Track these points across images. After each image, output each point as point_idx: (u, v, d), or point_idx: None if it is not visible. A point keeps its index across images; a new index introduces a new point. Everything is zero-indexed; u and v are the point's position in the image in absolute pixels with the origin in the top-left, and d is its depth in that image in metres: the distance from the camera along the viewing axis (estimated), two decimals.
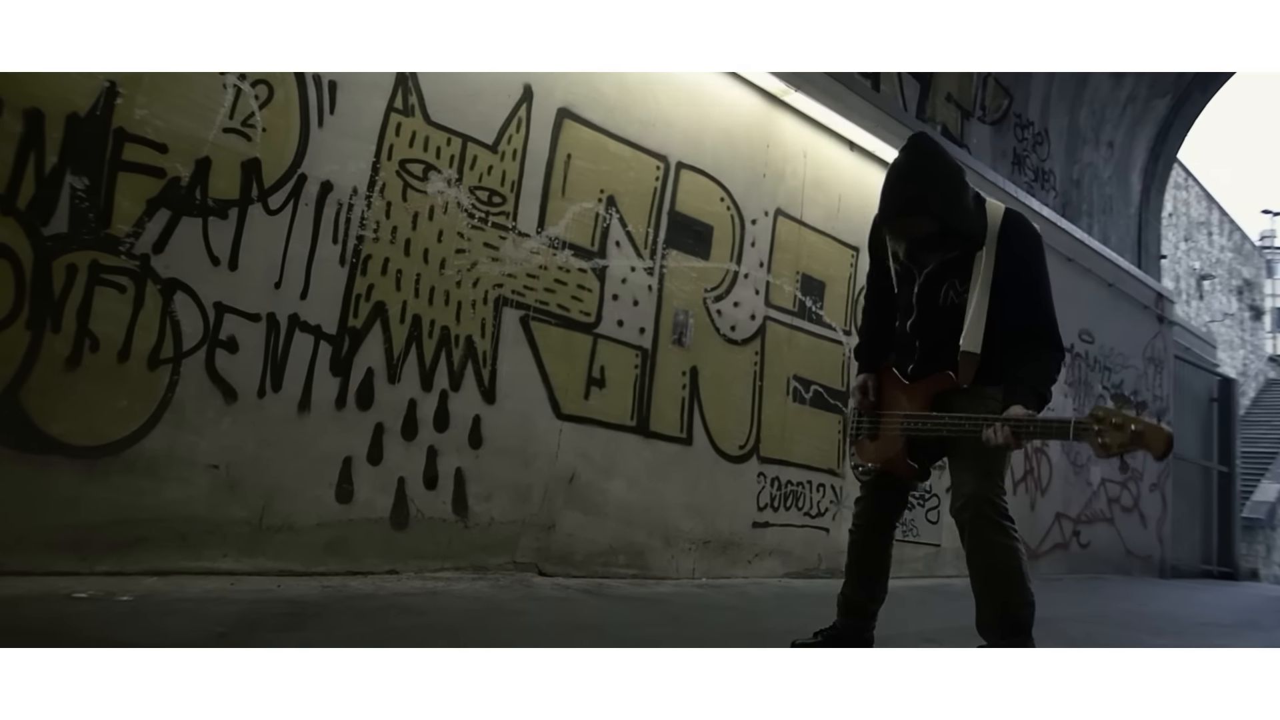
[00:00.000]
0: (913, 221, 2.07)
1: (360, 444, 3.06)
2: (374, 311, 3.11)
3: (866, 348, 2.44)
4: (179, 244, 2.71)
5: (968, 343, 2.08)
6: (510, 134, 3.51)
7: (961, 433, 2.02)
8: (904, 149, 2.14)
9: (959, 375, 2.11)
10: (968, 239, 2.08)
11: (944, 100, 7.19)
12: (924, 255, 2.15)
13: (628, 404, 3.87)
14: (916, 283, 2.18)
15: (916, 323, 2.19)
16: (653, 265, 3.99)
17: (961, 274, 2.12)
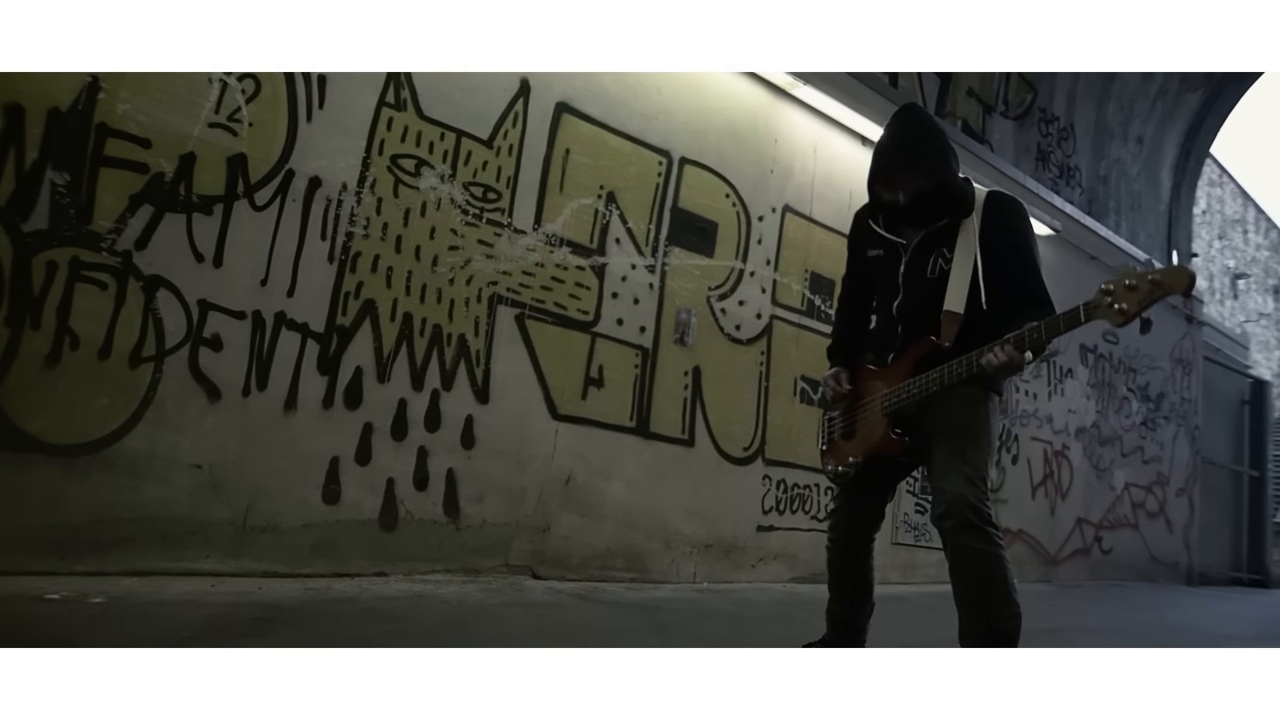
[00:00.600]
0: (905, 177, 2.06)
1: (348, 444, 3.02)
2: (363, 309, 3.06)
3: (840, 346, 2.36)
4: (162, 241, 2.68)
5: (951, 303, 2.03)
6: (506, 129, 3.45)
7: (955, 381, 1.95)
8: (895, 115, 2.18)
9: (941, 335, 2.03)
10: (957, 203, 2.07)
11: (965, 95, 7.03)
12: (909, 228, 2.14)
13: (627, 404, 3.79)
14: (903, 260, 2.12)
15: (902, 303, 2.12)
16: (654, 263, 3.90)
17: (949, 243, 2.08)
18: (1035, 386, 6.46)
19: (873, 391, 2.17)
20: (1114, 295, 1.77)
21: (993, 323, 2.00)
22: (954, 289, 2.03)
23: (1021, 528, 6.21)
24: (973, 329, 1.99)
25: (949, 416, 2.01)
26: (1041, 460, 6.47)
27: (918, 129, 2.13)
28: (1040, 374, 6.51)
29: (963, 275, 2.03)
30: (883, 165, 2.11)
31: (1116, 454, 7.43)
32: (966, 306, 2.02)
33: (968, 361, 1.94)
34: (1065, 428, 6.77)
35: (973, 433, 2.00)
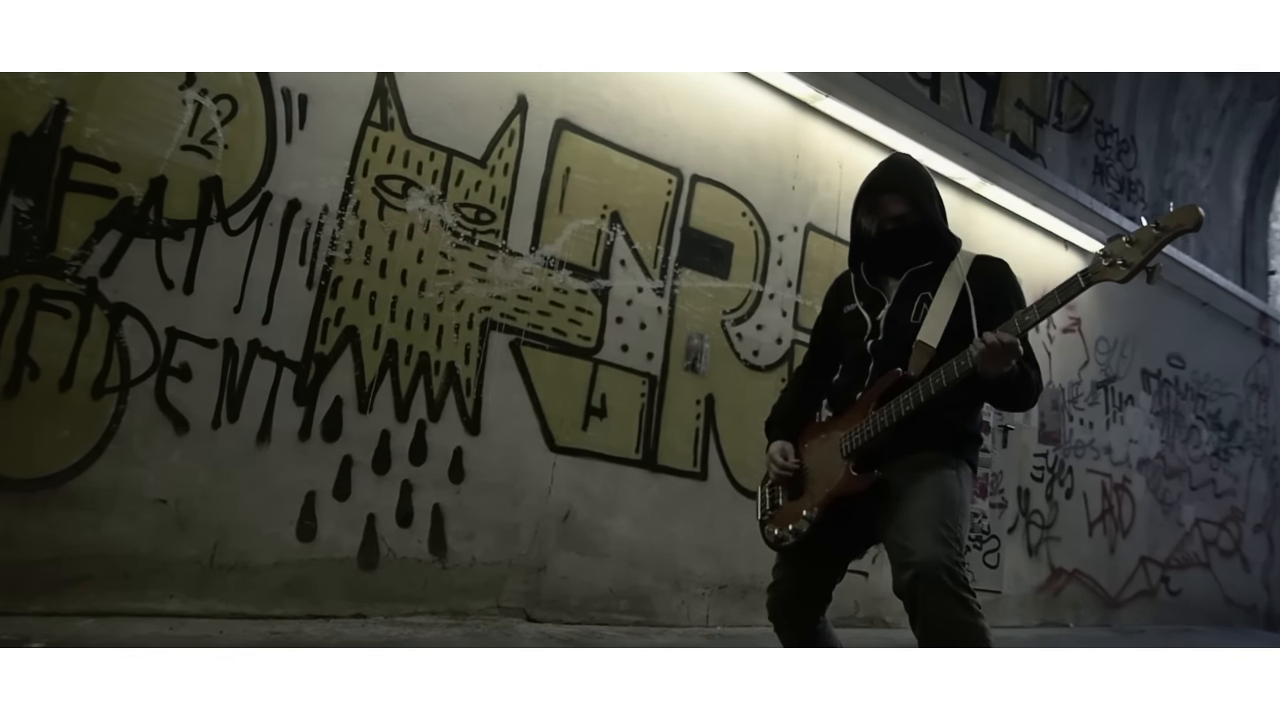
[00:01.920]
0: (889, 201, 1.92)
1: (325, 478, 2.87)
2: (344, 336, 2.93)
3: (783, 419, 2.12)
4: (129, 267, 2.58)
5: (925, 335, 1.83)
6: (501, 147, 3.30)
7: (934, 394, 1.73)
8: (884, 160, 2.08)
9: (909, 366, 1.81)
10: (943, 246, 1.92)
11: (1013, 106, 6.67)
12: (891, 279, 1.97)
13: (632, 435, 3.58)
14: (885, 305, 1.90)
15: (879, 343, 1.90)
16: (663, 285, 3.70)
17: (932, 285, 1.89)
18: (1092, 414, 6.04)
19: (826, 443, 1.92)
20: (1113, 256, 1.61)
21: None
22: (930, 322, 1.83)
23: (1077, 567, 5.77)
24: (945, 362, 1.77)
25: (916, 478, 1.76)
26: (1100, 494, 6.03)
27: (906, 165, 2.01)
28: (1097, 401, 6.08)
29: (942, 311, 1.83)
30: (866, 188, 1.97)
31: (1185, 487, 6.90)
32: (941, 343, 1.79)
33: (947, 369, 1.72)
34: (1126, 459, 6.31)
35: (945, 494, 1.74)
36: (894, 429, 1.78)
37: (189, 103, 2.69)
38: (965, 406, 1.90)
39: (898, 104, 4.34)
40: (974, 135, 4.89)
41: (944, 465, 1.81)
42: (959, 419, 1.88)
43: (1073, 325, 5.95)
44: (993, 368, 1.66)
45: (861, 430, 1.82)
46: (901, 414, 1.76)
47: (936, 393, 1.72)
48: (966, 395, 1.84)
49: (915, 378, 1.77)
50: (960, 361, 1.69)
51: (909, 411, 1.75)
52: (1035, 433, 5.54)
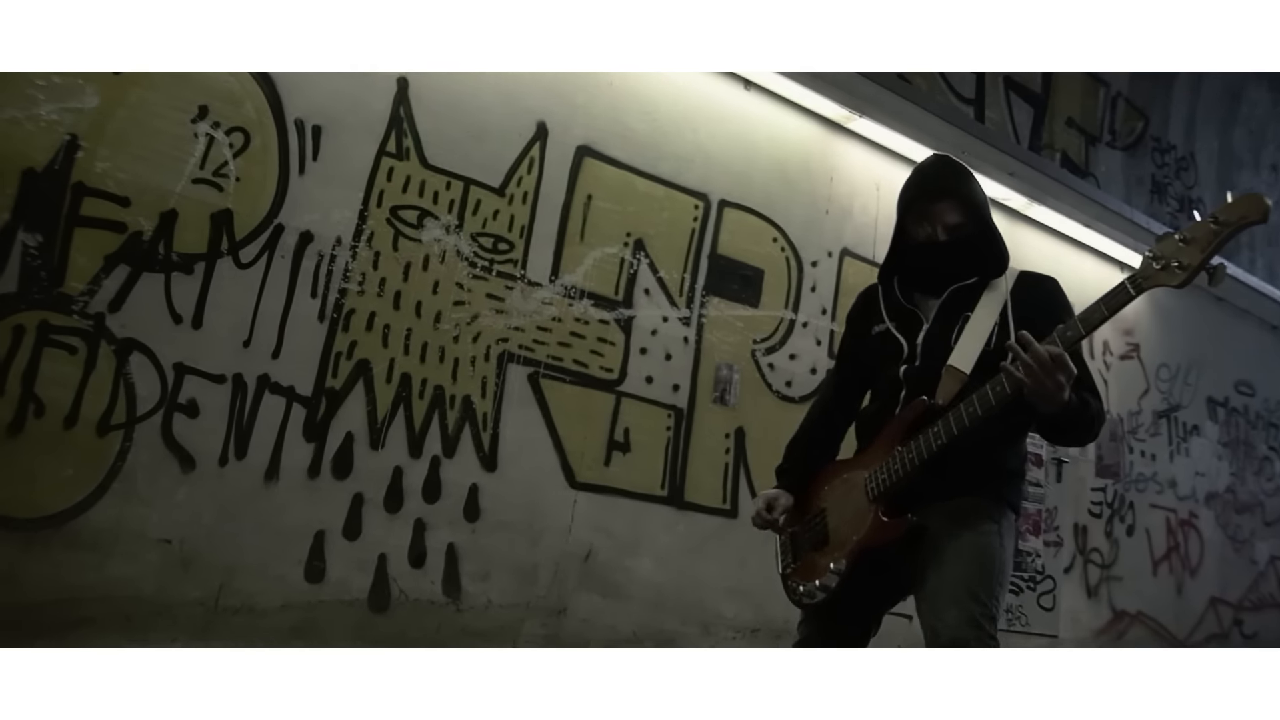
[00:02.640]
0: (945, 207, 1.75)
1: (335, 516, 2.79)
2: (356, 371, 2.85)
3: (797, 461, 1.95)
4: (138, 302, 2.55)
5: (957, 359, 1.66)
6: (520, 175, 3.22)
7: (968, 425, 1.55)
8: (927, 159, 1.94)
9: (937, 394, 1.64)
10: (993, 259, 1.76)
11: (1063, 125, 6.41)
12: (928, 298, 1.79)
13: (657, 471, 3.44)
14: (923, 327, 1.74)
15: (913, 369, 1.73)
16: (689, 314, 3.57)
17: (971, 302, 1.74)
18: (1154, 446, 5.70)
19: (850, 483, 1.75)
20: (1165, 257, 1.43)
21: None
22: (965, 345, 1.66)
23: (1141, 609, 5.42)
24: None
25: (953, 535, 1.59)
26: (1164, 531, 5.67)
27: (959, 166, 1.85)
28: (1159, 432, 5.74)
29: (979, 332, 1.65)
30: (918, 193, 1.80)
31: (1258, 523, 6.47)
32: (976, 369, 1.61)
33: (981, 397, 1.54)
34: (1192, 493, 5.94)
35: (984, 558, 1.56)
36: (923, 466, 1.62)
37: (201, 136, 2.67)
38: (1007, 439, 1.72)
39: (937, 123, 4.16)
40: (1020, 154, 4.68)
41: (984, 518, 1.63)
42: (1000, 455, 1.71)
43: (1131, 351, 5.64)
44: (1046, 393, 1.45)
45: (888, 469, 1.66)
46: (932, 449, 1.60)
47: (971, 424, 1.56)
48: (1009, 426, 1.66)
49: (945, 407, 1.60)
50: (996, 387, 1.51)
51: (940, 446, 1.59)
52: (1092, 466, 5.24)
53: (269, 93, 2.77)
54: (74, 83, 2.50)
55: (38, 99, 2.44)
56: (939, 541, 1.59)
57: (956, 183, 1.77)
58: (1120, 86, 6.65)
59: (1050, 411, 1.49)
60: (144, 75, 2.59)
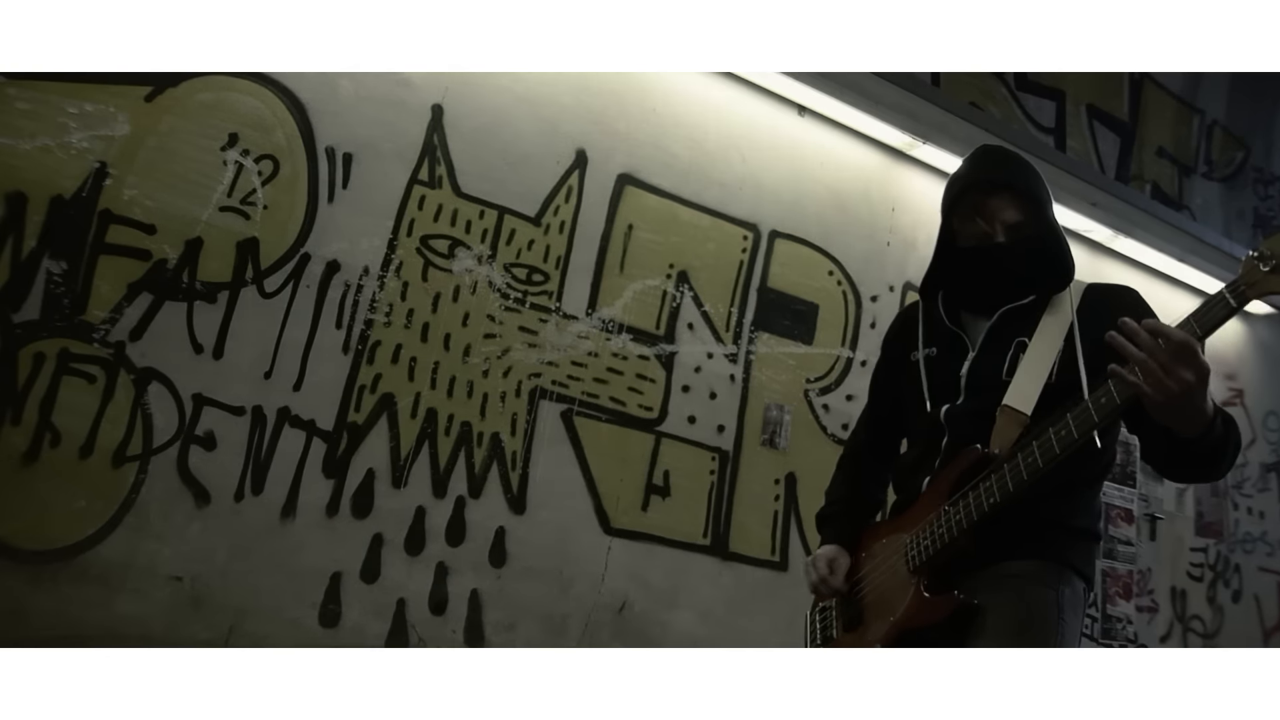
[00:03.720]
0: (1002, 202, 1.49)
1: (353, 557, 2.66)
2: (380, 405, 2.74)
3: (840, 511, 1.71)
4: (159, 330, 2.50)
5: (1015, 398, 1.40)
6: (558, 204, 3.09)
7: (1019, 486, 1.30)
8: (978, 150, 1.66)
9: (992, 441, 1.38)
10: (1056, 272, 1.50)
11: (1154, 155, 6.02)
12: (978, 318, 1.53)
13: (700, 518, 3.21)
14: (970, 354, 1.49)
15: (956, 407, 1.47)
16: (736, 351, 3.36)
17: (1029, 326, 1.47)
18: (1262, 503, 5.16)
19: (888, 550, 1.51)
20: (1276, 255, 1.17)
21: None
22: (1023, 379, 1.40)
23: None
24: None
25: (1001, 608, 1.33)
26: (1275, 597, 5.10)
27: (1015, 156, 1.59)
28: (1268, 487, 5.20)
29: (1040, 362, 1.39)
30: (969, 184, 1.55)
31: None
32: (1039, 408, 1.36)
33: (1044, 445, 1.28)
34: None
35: (1032, 632, 1.30)
36: (972, 530, 1.37)
37: (230, 163, 2.63)
38: (1078, 491, 1.45)
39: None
40: (1103, 183, 4.35)
41: (1042, 586, 1.37)
42: (1066, 510, 1.44)
43: (1234, 398, 5.16)
44: (1180, 404, 1.16)
45: (931, 533, 1.42)
46: (984, 510, 1.35)
47: (1031, 477, 1.30)
48: (1080, 475, 1.40)
49: (1001, 457, 1.35)
50: (1061, 432, 1.26)
51: (993, 506, 1.34)
52: (1191, 523, 4.76)
53: (300, 120, 2.73)
54: (106, 110, 2.50)
55: (69, 126, 2.44)
56: (986, 621, 1.33)
57: (1016, 173, 1.50)
58: (1216, 114, 6.23)
59: (1191, 433, 1.20)
60: (176, 103, 2.58)
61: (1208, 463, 1.30)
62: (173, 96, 2.59)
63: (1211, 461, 1.29)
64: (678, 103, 3.34)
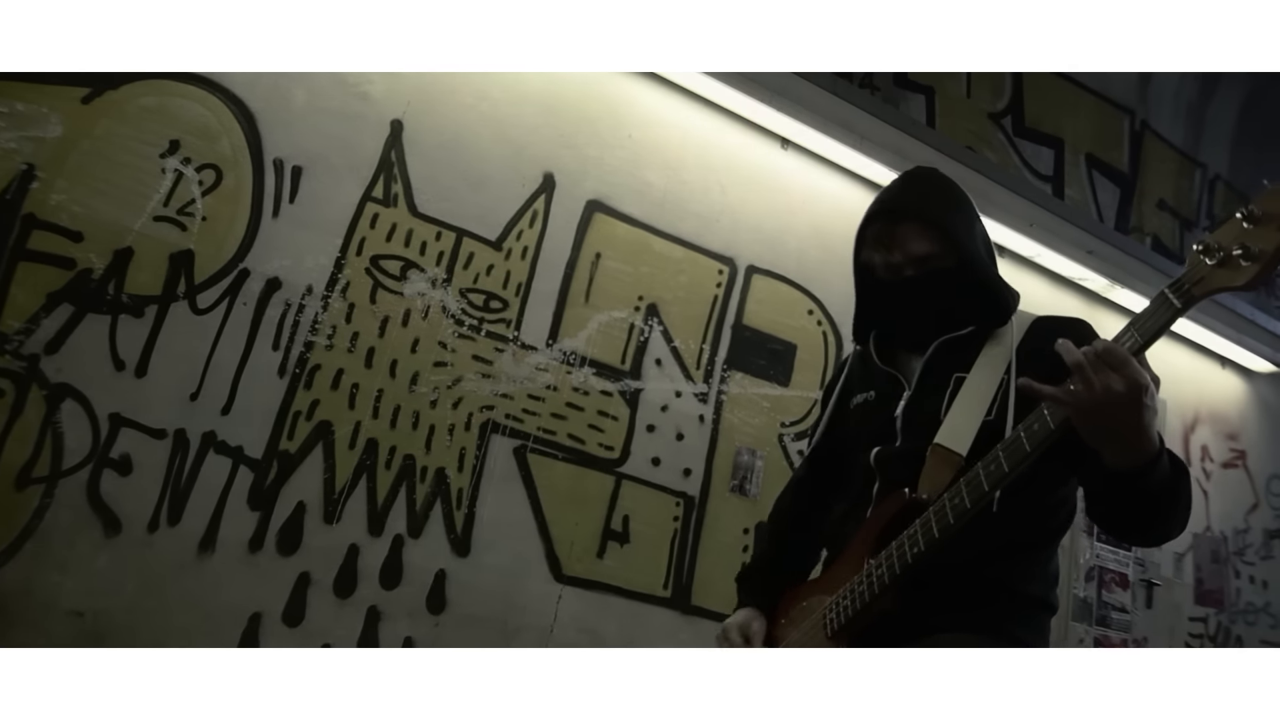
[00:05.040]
0: (909, 230, 1.34)
1: (275, 598, 2.45)
2: (316, 433, 2.56)
3: (763, 569, 1.54)
4: (78, 344, 2.33)
5: (948, 436, 1.22)
6: (521, 229, 2.94)
7: (945, 532, 1.12)
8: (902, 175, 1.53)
9: (920, 485, 1.20)
10: (988, 305, 1.34)
11: (1154, 207, 5.89)
12: (914, 357, 1.38)
13: (660, 567, 3.00)
14: (905, 393, 1.32)
15: (890, 453, 1.31)
16: (707, 390, 3.18)
17: (967, 360, 1.31)
18: (1265, 571, 4.91)
19: (808, 615, 1.32)
20: (1224, 247, 0.97)
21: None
22: (957, 416, 1.23)
23: None
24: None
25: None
26: None
27: (930, 182, 1.43)
28: (1271, 554, 4.96)
29: (977, 398, 1.23)
30: (872, 214, 1.41)
31: None
32: (975, 446, 1.19)
33: (972, 483, 1.10)
34: None
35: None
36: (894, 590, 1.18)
37: (169, 171, 2.49)
38: (1029, 550, 1.26)
39: (998, 191, 3.75)
40: (1100, 231, 4.21)
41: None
42: (1016, 573, 1.25)
43: (1236, 459, 4.94)
44: (1119, 427, 1.00)
45: (852, 594, 1.23)
46: (907, 562, 1.16)
47: (958, 520, 1.11)
48: (1033, 531, 1.22)
49: (929, 502, 1.17)
50: (990, 467, 1.09)
51: (916, 557, 1.15)
52: (1190, 590, 4.51)
53: (248, 129, 2.59)
54: (38, 111, 2.37)
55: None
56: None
57: (925, 202, 1.36)
58: (1219, 168, 6.12)
59: (1128, 465, 1.03)
60: (115, 106, 2.45)
61: (1151, 512, 1.09)
62: (111, 99, 2.46)
63: (1155, 512, 1.09)
64: (655, 130, 3.21)
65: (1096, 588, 4.02)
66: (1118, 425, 1.01)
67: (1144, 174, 5.63)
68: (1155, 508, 1.09)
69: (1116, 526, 1.17)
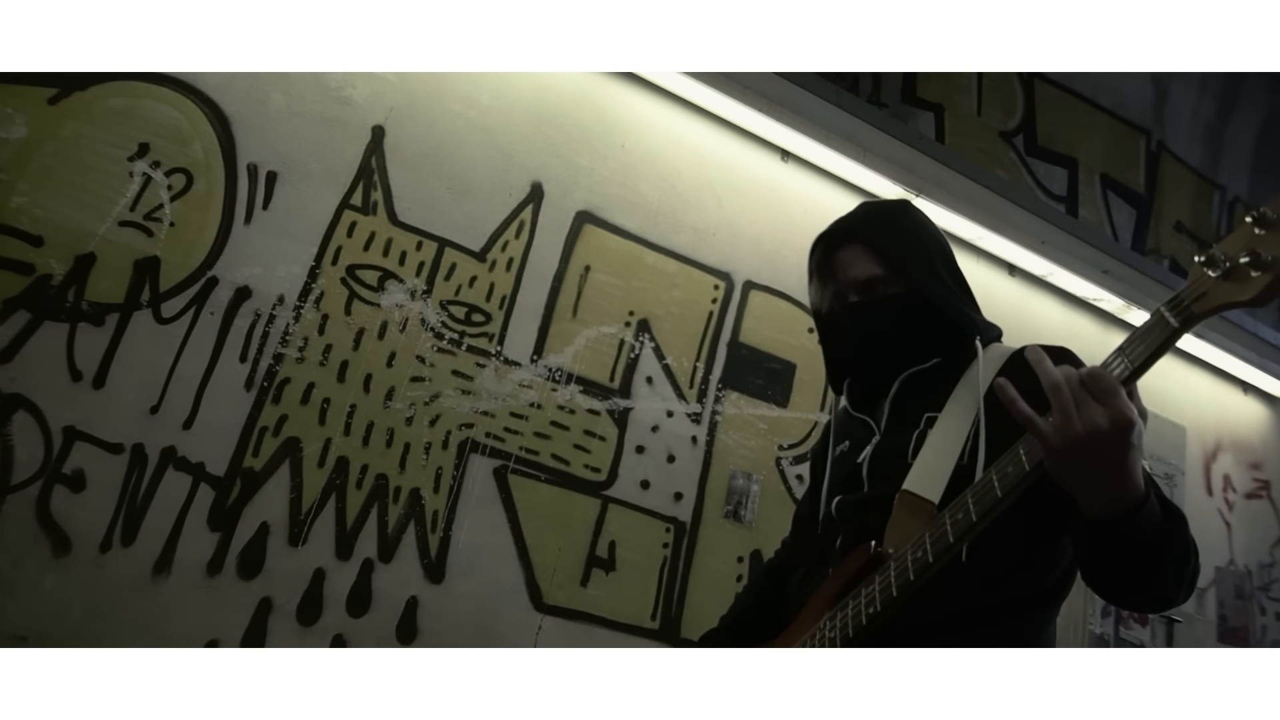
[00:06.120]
0: (850, 255, 1.29)
1: (234, 624, 2.31)
2: (283, 450, 2.43)
3: (735, 622, 1.45)
4: (33, 353, 2.22)
5: (916, 481, 1.08)
6: (507, 240, 2.83)
7: (904, 588, 0.98)
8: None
9: (887, 536, 1.07)
10: (952, 325, 1.22)
11: (1171, 230, 5.74)
12: (871, 368, 1.28)
13: (648, 597, 2.85)
14: (874, 437, 1.18)
15: (853, 502, 1.18)
16: (700, 410, 3.04)
17: (936, 401, 1.18)
18: None
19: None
20: (1229, 257, 0.82)
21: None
22: (929, 459, 1.09)
23: None
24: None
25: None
26: None
27: (874, 209, 1.39)
28: None
29: (948, 439, 1.09)
30: (817, 243, 1.39)
31: None
32: (949, 492, 1.04)
33: (936, 534, 0.95)
34: None
35: None
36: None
37: (136, 175, 2.39)
38: (1021, 614, 1.10)
39: (1011, 209, 3.61)
40: (1115, 250, 4.05)
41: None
42: (994, 639, 1.08)
43: (1260, 490, 4.74)
44: (1096, 466, 0.85)
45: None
46: (861, 624, 1.01)
47: (920, 576, 0.96)
48: (1024, 592, 1.07)
49: (890, 556, 1.02)
50: (957, 515, 0.94)
51: (873, 619, 1.00)
52: (1213, 627, 4.30)
53: (222, 133, 2.49)
54: (3, 112, 2.28)
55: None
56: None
57: (865, 225, 1.31)
58: (1238, 190, 5.97)
59: (1106, 511, 0.87)
60: (83, 107, 2.36)
61: (1138, 567, 0.92)
62: (80, 100, 2.37)
63: (1144, 567, 0.92)
64: (650, 140, 3.10)
65: (1114, 624, 3.82)
66: (1097, 466, 0.85)
67: (1161, 195, 5.49)
68: (1144, 562, 0.91)
69: (1103, 586, 0.99)
